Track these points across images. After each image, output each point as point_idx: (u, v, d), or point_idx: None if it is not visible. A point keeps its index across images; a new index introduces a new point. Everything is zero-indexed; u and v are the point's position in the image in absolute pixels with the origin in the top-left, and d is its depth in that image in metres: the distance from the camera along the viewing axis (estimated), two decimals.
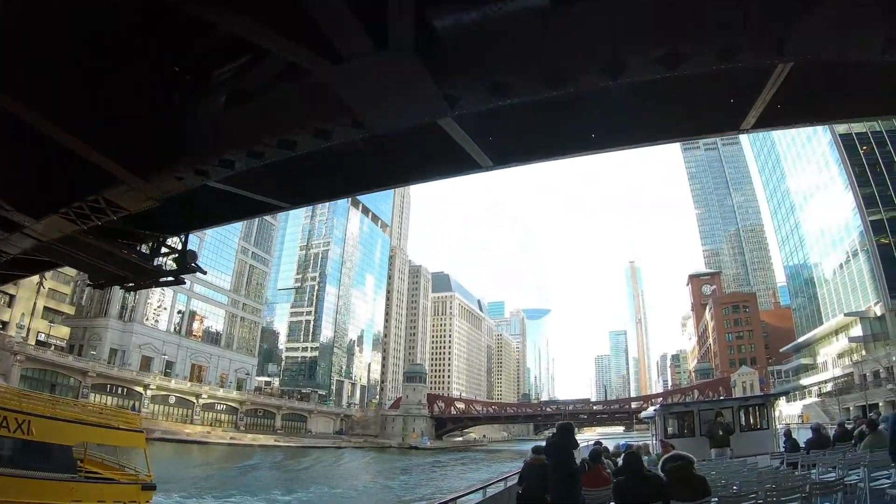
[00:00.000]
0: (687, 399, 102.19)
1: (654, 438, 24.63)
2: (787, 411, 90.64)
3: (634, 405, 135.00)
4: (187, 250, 14.09)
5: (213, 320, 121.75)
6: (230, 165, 7.94)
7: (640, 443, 22.38)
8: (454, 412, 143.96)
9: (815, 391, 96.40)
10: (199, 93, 7.93)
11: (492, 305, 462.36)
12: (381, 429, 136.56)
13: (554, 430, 10.79)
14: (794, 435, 18.90)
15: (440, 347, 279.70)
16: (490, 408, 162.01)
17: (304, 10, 5.00)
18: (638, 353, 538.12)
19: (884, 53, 5.22)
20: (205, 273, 15.43)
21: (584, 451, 14.03)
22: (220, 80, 7.74)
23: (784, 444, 18.09)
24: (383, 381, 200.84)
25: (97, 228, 11.28)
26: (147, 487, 19.55)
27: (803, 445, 15.96)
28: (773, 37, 5.23)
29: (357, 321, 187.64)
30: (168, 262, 14.74)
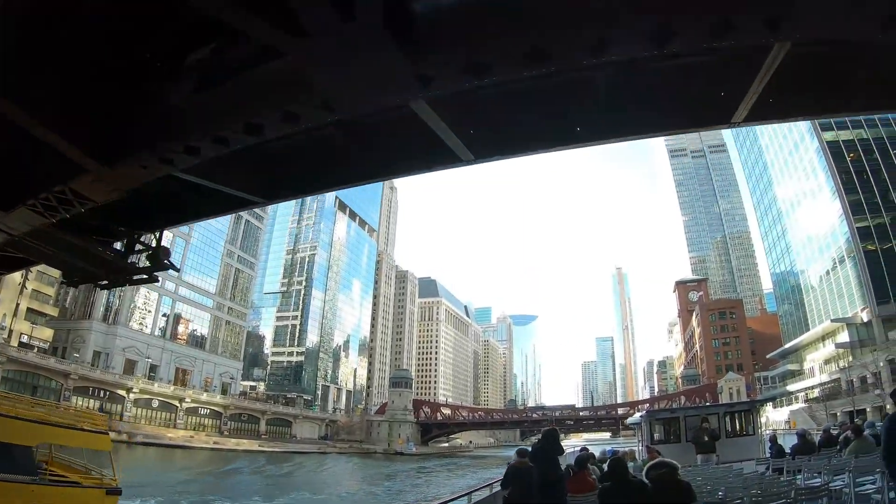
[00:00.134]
0: (673, 405, 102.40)
1: (640, 444, 24.68)
2: (775, 417, 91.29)
3: (621, 411, 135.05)
4: (161, 247, 13.71)
5: (199, 324, 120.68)
6: (196, 153, 7.58)
7: (627, 449, 22.38)
8: (440, 418, 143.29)
9: (803, 397, 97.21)
10: (166, 79, 7.58)
11: (479, 311, 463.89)
12: (367, 434, 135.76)
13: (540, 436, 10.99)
14: (779, 441, 19.13)
15: (427, 353, 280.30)
16: (476, 414, 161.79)
17: None
18: (625, 360, 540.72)
19: (884, 31, 4.92)
20: (178, 270, 15.12)
21: (571, 457, 14.22)
22: (188, 66, 7.39)
23: (770, 450, 18.27)
24: (369, 387, 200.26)
25: (69, 223, 11.00)
26: (112, 492, 18.84)
27: (789, 451, 16.19)
28: (769, 12, 4.90)
29: (343, 326, 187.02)
30: (142, 260, 14.38)
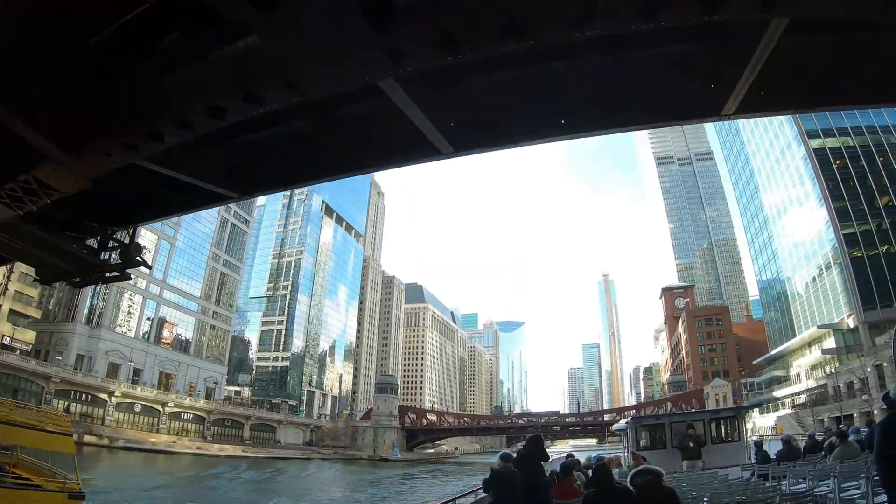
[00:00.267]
0: (660, 411, 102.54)
1: (625, 451, 24.67)
2: (761, 423, 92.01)
3: (607, 417, 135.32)
4: (133, 243, 13.42)
5: (183, 328, 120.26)
6: (159, 138, 7.26)
7: (612, 455, 22.49)
8: (426, 424, 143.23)
9: (789, 403, 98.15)
10: (132, 63, 7.26)
11: (465, 317, 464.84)
12: (352, 440, 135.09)
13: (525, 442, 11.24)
14: (765, 447, 19.25)
15: (413, 359, 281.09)
16: (462, 420, 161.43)
17: None
18: (611, 366, 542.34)
19: (886, 8, 4.66)
20: (150, 267, 14.83)
21: (556, 463, 14.25)
22: (153, 49, 7.07)
23: (755, 456, 18.38)
24: (355, 392, 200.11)
25: (40, 217, 10.78)
26: (74, 496, 18.23)
27: (774, 457, 16.09)
28: None
29: (329, 331, 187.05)
30: (115, 257, 14.06)
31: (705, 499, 9.19)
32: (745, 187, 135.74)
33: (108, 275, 14.22)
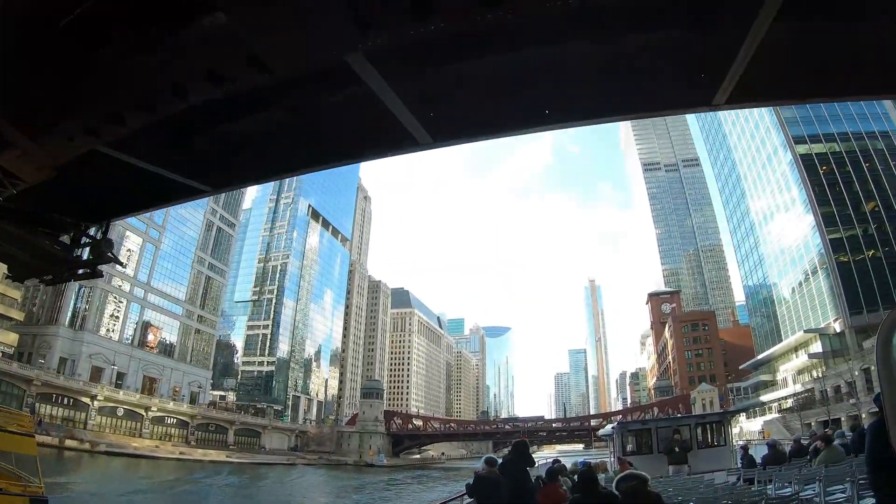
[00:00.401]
0: (646, 416, 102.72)
1: (612, 456, 24.87)
2: (748, 427, 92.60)
3: (594, 422, 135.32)
4: (105, 238, 13.04)
5: (168, 331, 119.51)
6: (120, 121, 6.93)
7: (599, 460, 22.56)
8: (411, 429, 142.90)
9: (776, 407, 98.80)
10: (96, 44, 6.93)
11: (452, 322, 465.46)
12: (338, 445, 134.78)
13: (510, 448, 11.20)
14: (751, 451, 19.56)
15: (399, 364, 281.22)
16: (448, 425, 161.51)
17: None
18: (597, 371, 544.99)
19: None
20: (123, 265, 14.44)
21: (542, 469, 14.07)
22: (117, 33, 6.75)
23: (741, 461, 18.62)
24: (340, 397, 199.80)
25: (10, 212, 10.15)
26: (36, 501, 17.37)
27: (760, 461, 16.33)
28: None
29: (315, 336, 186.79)
30: (86, 253, 13.73)
31: (691, 503, 9.29)
32: (732, 193, 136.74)
33: (80, 272, 13.90)
